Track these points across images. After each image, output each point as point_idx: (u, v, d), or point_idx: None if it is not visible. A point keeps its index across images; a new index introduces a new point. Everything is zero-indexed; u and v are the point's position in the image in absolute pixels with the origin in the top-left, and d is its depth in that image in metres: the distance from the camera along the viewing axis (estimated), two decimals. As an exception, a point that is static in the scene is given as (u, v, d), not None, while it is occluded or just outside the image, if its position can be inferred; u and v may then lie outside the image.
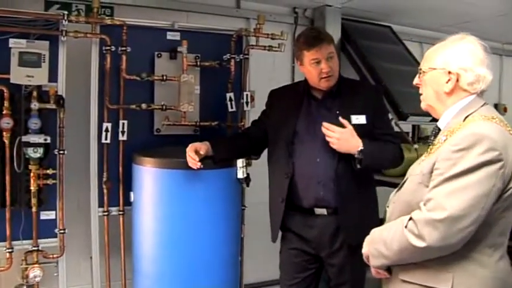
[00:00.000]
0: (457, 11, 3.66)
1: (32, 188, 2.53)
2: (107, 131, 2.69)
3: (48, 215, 2.66)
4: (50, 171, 2.58)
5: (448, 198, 1.35)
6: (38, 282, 2.65)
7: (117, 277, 2.86)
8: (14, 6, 2.49)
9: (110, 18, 2.74)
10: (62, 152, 2.63)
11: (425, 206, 1.39)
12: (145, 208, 2.55)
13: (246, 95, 3.03)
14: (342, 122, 2.14)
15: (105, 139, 2.70)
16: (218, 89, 2.98)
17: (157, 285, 2.51)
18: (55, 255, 2.67)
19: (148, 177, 2.52)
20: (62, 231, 2.67)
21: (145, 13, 3.07)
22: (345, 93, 2.29)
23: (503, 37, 4.73)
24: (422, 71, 1.59)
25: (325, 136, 2.14)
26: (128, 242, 2.77)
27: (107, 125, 2.69)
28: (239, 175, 2.51)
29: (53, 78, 2.55)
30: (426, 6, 3.65)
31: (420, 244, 1.37)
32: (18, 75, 2.44)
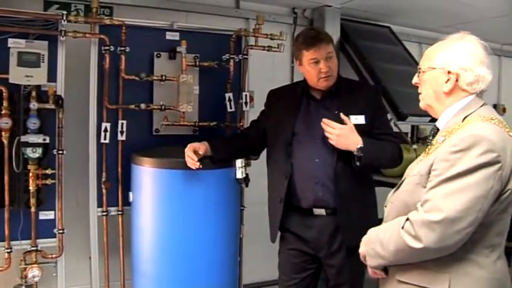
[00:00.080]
0: (456, 11, 3.67)
1: (31, 188, 2.52)
2: (105, 131, 2.69)
3: (47, 215, 2.66)
4: (49, 171, 2.59)
5: (445, 200, 1.34)
6: (36, 283, 2.65)
7: (116, 277, 2.85)
8: (13, 6, 2.49)
9: (109, 18, 2.74)
10: (60, 152, 2.63)
11: (422, 207, 1.38)
12: (144, 208, 2.55)
13: (245, 95, 3.03)
14: (343, 118, 2.14)
15: (104, 139, 2.69)
16: (217, 89, 2.98)
17: (156, 285, 2.51)
18: (54, 255, 2.67)
19: (147, 177, 2.52)
20: (60, 231, 2.67)
21: (145, 13, 3.07)
22: (344, 93, 2.28)
23: (502, 38, 4.73)
24: (422, 70, 1.57)
25: (324, 132, 2.13)
26: (127, 242, 2.77)
27: (105, 125, 2.69)
28: (238, 175, 2.51)
29: (52, 78, 2.55)
30: (425, 6, 3.66)
31: (417, 245, 1.36)
32: (17, 75, 2.44)
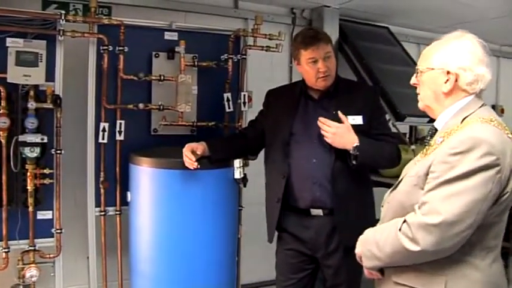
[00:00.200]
0: (454, 12, 3.67)
1: (29, 188, 2.52)
2: (104, 130, 2.69)
3: (44, 215, 2.65)
4: (47, 171, 2.58)
5: (443, 203, 1.32)
6: (34, 282, 2.64)
7: (113, 277, 2.85)
8: (11, 5, 2.48)
9: (107, 18, 2.73)
10: (58, 152, 2.63)
11: (420, 210, 1.37)
12: (142, 208, 2.54)
13: (244, 95, 3.03)
14: (340, 116, 2.14)
15: (102, 139, 2.69)
16: (215, 89, 2.97)
17: (154, 285, 2.51)
18: (52, 255, 2.67)
19: (145, 177, 2.52)
20: (58, 231, 2.66)
21: (143, 13, 3.07)
22: (342, 93, 2.28)
23: (500, 39, 4.74)
24: (420, 71, 1.54)
25: (321, 130, 2.13)
26: (125, 242, 2.77)
27: (104, 124, 2.69)
28: (236, 175, 2.51)
29: (50, 77, 2.55)
30: (424, 7, 3.66)
31: (414, 248, 1.35)
32: (15, 75, 2.44)
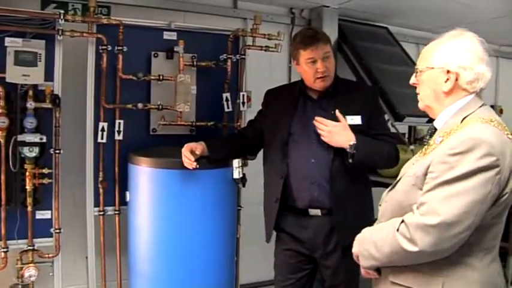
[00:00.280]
0: (453, 12, 3.68)
1: (28, 187, 2.52)
2: (103, 130, 2.68)
3: (43, 215, 2.65)
4: (46, 171, 2.58)
5: (442, 204, 1.31)
6: (33, 282, 2.64)
7: (112, 277, 2.85)
8: (10, 4, 2.48)
9: (106, 18, 2.73)
10: (57, 152, 2.63)
11: (418, 210, 1.36)
12: (141, 208, 2.54)
13: (243, 95, 3.02)
14: (337, 115, 2.14)
15: (101, 138, 2.69)
16: (214, 89, 2.97)
17: (153, 285, 2.51)
18: (50, 255, 2.67)
19: (144, 176, 2.52)
20: (57, 231, 2.66)
21: (142, 13, 3.07)
22: (340, 93, 2.28)
23: (500, 39, 4.74)
24: (419, 70, 1.52)
25: (317, 129, 2.13)
26: (124, 242, 2.76)
27: (103, 124, 2.69)
28: (235, 175, 2.51)
29: (49, 77, 2.55)
30: (423, 7, 3.66)
31: (412, 248, 1.34)
32: (14, 74, 2.44)
